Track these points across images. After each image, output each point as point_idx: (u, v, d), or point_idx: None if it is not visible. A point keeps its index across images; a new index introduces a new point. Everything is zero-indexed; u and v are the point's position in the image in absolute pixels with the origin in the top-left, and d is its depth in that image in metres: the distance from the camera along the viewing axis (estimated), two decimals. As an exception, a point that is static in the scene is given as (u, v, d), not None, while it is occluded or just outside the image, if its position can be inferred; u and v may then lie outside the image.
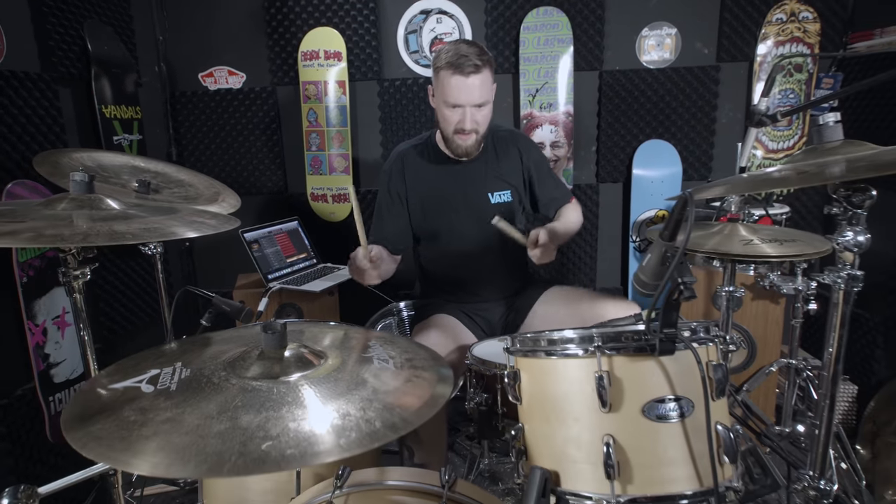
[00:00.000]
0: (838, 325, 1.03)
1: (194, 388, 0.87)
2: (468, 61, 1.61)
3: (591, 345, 0.85)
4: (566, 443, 0.87)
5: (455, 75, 1.62)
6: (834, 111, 1.05)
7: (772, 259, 1.38)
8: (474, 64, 1.62)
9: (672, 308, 0.77)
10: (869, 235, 0.98)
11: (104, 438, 0.75)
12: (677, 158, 2.67)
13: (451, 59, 1.63)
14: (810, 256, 1.31)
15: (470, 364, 1.39)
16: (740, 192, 1.28)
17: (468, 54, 1.62)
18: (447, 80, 1.64)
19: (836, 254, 1.01)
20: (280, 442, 0.74)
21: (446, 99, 1.67)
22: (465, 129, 1.69)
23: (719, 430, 0.85)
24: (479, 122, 1.70)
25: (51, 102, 2.01)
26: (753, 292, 2.22)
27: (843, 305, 1.03)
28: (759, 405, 2.28)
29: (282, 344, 0.96)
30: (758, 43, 2.55)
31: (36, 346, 1.85)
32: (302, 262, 2.50)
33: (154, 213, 1.21)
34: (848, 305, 1.03)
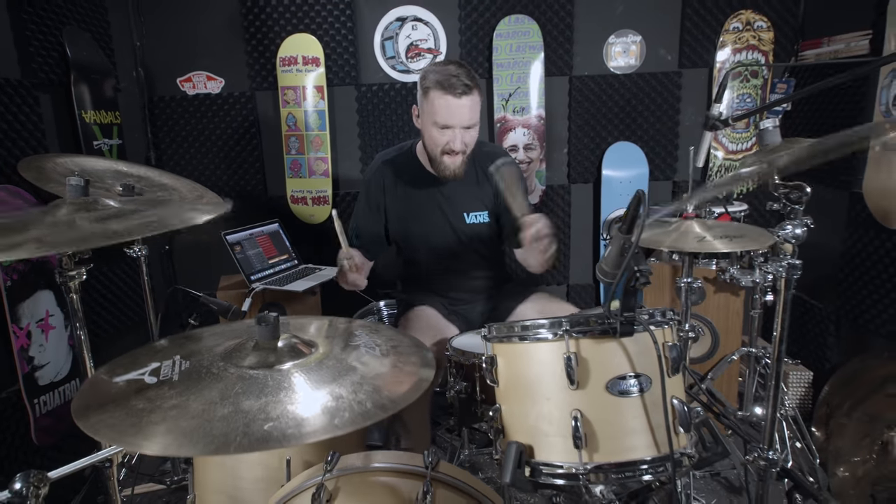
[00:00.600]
0: (781, 309, 1.15)
1: (195, 378, 0.94)
2: (459, 81, 1.59)
3: (560, 329, 0.94)
4: (539, 419, 0.96)
5: (446, 96, 1.59)
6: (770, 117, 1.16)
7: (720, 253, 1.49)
8: (465, 84, 1.60)
9: (630, 294, 0.87)
10: (805, 228, 1.09)
11: (116, 425, 0.81)
12: (644, 159, 2.80)
13: (442, 80, 1.60)
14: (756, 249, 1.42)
15: (450, 355, 1.48)
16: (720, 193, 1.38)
17: (458, 75, 1.60)
18: (438, 100, 1.61)
19: (777, 245, 1.13)
20: (280, 423, 0.81)
21: (436, 120, 1.64)
22: (454, 150, 1.67)
23: (675, 404, 0.95)
24: (467, 143, 1.69)
25: (31, 108, 2.03)
26: (715, 285, 2.35)
27: (785, 292, 1.14)
28: (722, 392, 2.41)
29: (275, 335, 1.03)
30: (717, 50, 2.70)
31: (20, 348, 1.87)
32: (283, 263, 2.56)
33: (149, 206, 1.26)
34: (789, 292, 1.14)
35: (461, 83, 1.60)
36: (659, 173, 2.85)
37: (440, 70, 1.64)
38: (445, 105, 1.62)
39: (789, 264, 1.11)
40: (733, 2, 2.65)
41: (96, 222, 1.07)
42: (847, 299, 2.32)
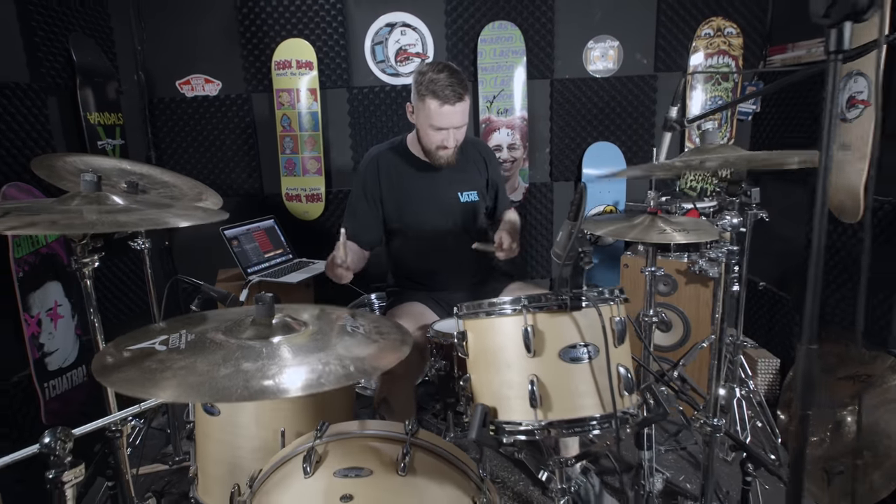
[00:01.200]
0: (722, 290, 1.29)
1: (200, 347, 1.07)
2: (453, 91, 1.79)
3: (519, 305, 1.08)
4: (501, 384, 1.10)
5: (443, 105, 1.80)
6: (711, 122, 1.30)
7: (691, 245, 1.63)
8: (458, 93, 1.80)
9: (578, 272, 1.00)
10: (741, 219, 1.23)
11: (133, 380, 0.95)
12: (621, 158, 2.95)
13: (437, 90, 1.79)
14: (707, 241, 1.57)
15: (431, 337, 1.61)
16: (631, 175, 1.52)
17: (452, 84, 1.80)
18: (434, 107, 1.81)
19: (720, 234, 1.27)
20: (277, 380, 0.95)
21: (432, 123, 1.85)
22: (448, 146, 1.90)
23: (620, 371, 1.09)
24: (458, 139, 1.92)
25: (39, 110, 2.16)
26: (686, 277, 2.50)
27: (726, 275, 1.28)
28: (693, 377, 2.55)
29: (270, 313, 1.17)
30: (690, 55, 2.84)
31: (31, 336, 2.00)
32: (279, 257, 2.69)
33: (152, 206, 1.40)
34: (729, 275, 1.28)
35: (455, 93, 1.80)
36: (636, 172, 3.00)
37: (435, 79, 1.81)
38: (441, 112, 1.82)
39: (728, 250, 1.26)
40: (705, 9, 2.80)
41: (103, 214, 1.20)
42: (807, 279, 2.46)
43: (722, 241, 1.27)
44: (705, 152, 1.27)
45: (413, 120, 1.96)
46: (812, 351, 0.83)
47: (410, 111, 1.95)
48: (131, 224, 1.17)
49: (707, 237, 1.61)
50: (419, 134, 1.96)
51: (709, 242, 2.05)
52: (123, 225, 1.15)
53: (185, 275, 3.10)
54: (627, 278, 2.60)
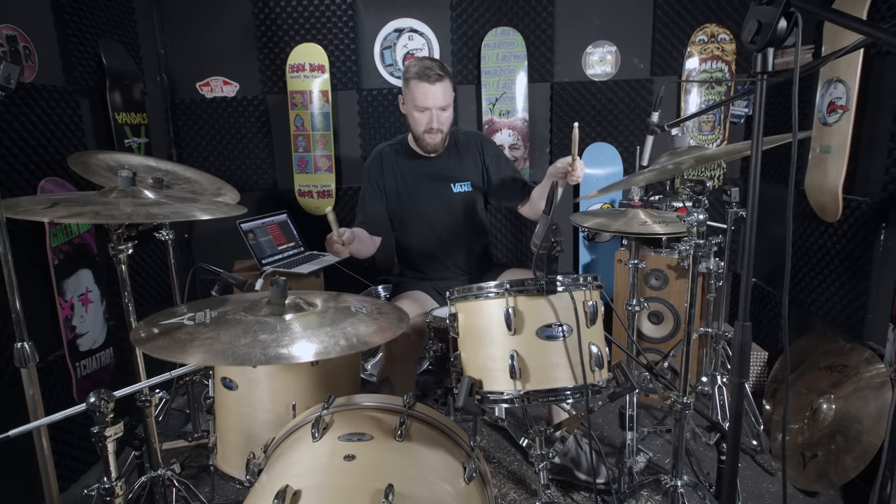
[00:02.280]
0: (690, 280, 1.42)
1: (223, 322, 1.23)
2: (432, 72, 1.99)
3: (502, 289, 1.23)
4: (486, 358, 1.25)
5: (423, 83, 1.99)
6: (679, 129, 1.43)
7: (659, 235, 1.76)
8: (438, 74, 2.00)
9: (552, 260, 1.15)
10: (706, 216, 1.37)
11: (167, 347, 1.11)
12: (619, 159, 3.07)
13: (419, 71, 2.00)
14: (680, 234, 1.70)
15: (429, 322, 1.76)
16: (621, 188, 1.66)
17: (432, 66, 2.01)
18: (416, 88, 2.01)
19: (687, 229, 1.40)
20: (291, 349, 1.11)
21: (416, 103, 2.03)
22: (432, 128, 2.05)
23: (592, 349, 1.23)
24: (442, 122, 2.08)
25: (73, 111, 2.34)
26: (676, 272, 2.62)
27: (694, 266, 1.42)
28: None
29: (284, 294, 1.33)
30: (685, 59, 2.96)
31: (65, 318, 2.18)
32: (291, 249, 2.85)
33: (179, 201, 1.56)
34: (697, 266, 1.42)
35: (434, 73, 2.00)
36: (632, 170, 3.12)
37: (418, 64, 2.03)
38: (423, 91, 1.99)
39: (695, 244, 1.39)
40: (699, 16, 2.92)
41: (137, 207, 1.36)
42: (795, 285, 2.59)
43: (690, 236, 1.40)
44: (676, 156, 1.40)
45: (404, 110, 2.13)
46: (746, 327, 0.97)
47: (401, 102, 2.14)
48: (162, 216, 1.33)
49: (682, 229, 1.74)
50: (408, 122, 2.13)
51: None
52: (155, 217, 1.31)
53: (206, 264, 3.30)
54: (621, 273, 2.74)
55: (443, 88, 2.02)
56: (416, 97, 2.02)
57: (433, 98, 2.01)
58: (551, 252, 1.12)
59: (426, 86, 1.99)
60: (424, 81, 1.99)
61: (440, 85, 2.01)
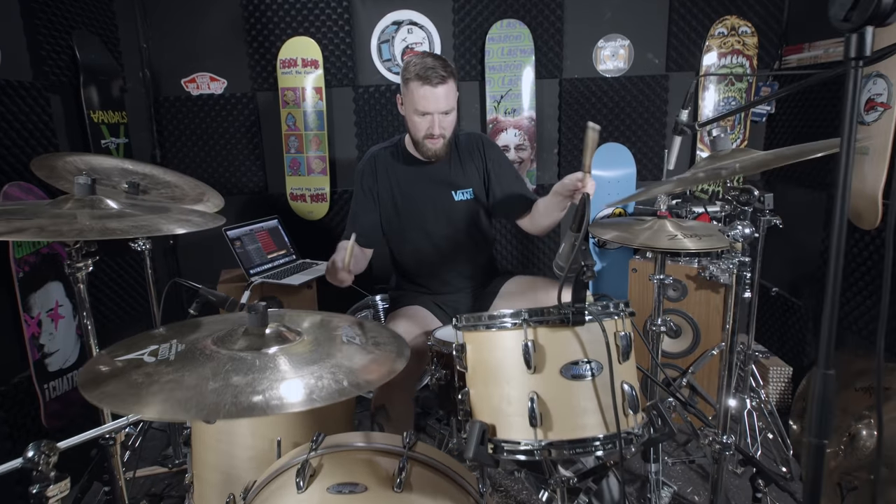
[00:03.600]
0: (733, 303, 1.24)
1: (190, 358, 1.04)
2: (435, 73, 1.77)
3: (520, 318, 1.04)
4: (500, 400, 1.06)
5: (424, 86, 1.77)
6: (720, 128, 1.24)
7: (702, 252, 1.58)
8: (441, 75, 1.78)
9: (581, 286, 0.96)
10: (753, 228, 1.18)
11: (118, 395, 0.92)
12: (632, 160, 2.89)
13: (420, 72, 1.77)
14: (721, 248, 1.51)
15: (431, 345, 1.57)
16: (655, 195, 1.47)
17: (435, 66, 1.78)
18: (417, 90, 1.79)
19: (730, 244, 1.22)
20: (267, 395, 0.92)
21: (416, 107, 1.82)
22: (433, 134, 1.85)
23: (625, 388, 1.04)
24: (445, 127, 1.87)
25: (42, 109, 2.14)
26: (696, 282, 2.44)
27: (737, 287, 1.23)
28: (703, 385, 2.50)
29: (263, 322, 1.14)
30: (703, 54, 2.78)
31: (31, 336, 1.99)
32: (282, 257, 2.66)
33: (147, 211, 1.37)
34: (740, 286, 1.23)
35: (437, 74, 1.77)
36: (647, 173, 2.94)
37: (419, 62, 1.80)
38: (424, 94, 1.78)
39: (739, 262, 1.20)
40: (719, 7, 2.73)
41: (96, 219, 1.17)
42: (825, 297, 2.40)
43: (733, 252, 1.21)
44: (718, 160, 1.21)
45: (403, 112, 1.93)
46: (829, 377, 0.78)
47: (400, 103, 1.93)
48: (121, 231, 1.14)
49: (720, 244, 1.55)
50: (407, 125, 1.93)
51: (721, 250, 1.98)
52: (113, 232, 1.12)
53: (190, 274, 3.10)
54: (636, 283, 2.55)
55: (446, 91, 1.81)
56: (417, 101, 1.81)
57: (435, 102, 1.81)
58: (580, 277, 0.93)
59: (427, 89, 1.78)
60: (426, 84, 1.78)
61: (443, 87, 1.79)
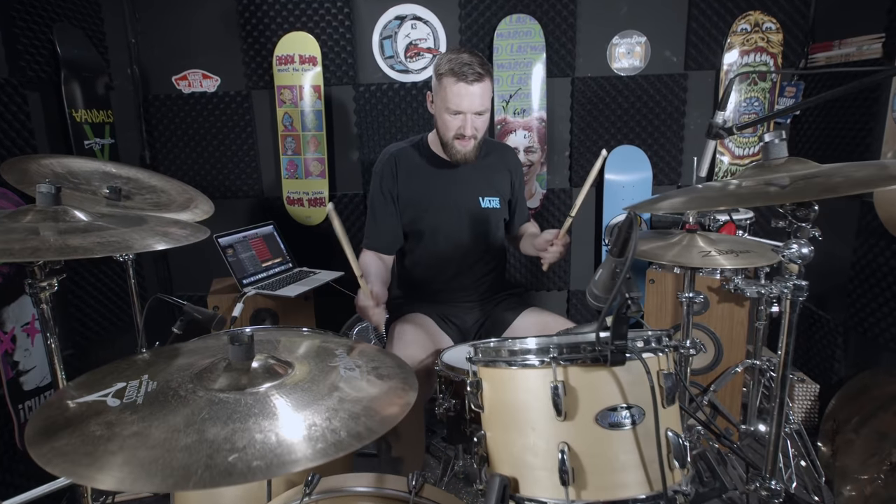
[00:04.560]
0: (786, 332, 1.08)
1: (161, 402, 0.89)
2: (471, 70, 1.65)
3: (548, 356, 0.88)
4: (524, 450, 0.91)
5: (459, 83, 1.66)
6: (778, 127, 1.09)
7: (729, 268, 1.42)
8: (477, 72, 1.65)
9: (622, 321, 0.81)
10: (812, 248, 1.03)
11: (69, 454, 0.77)
12: (648, 164, 2.73)
13: (455, 67, 1.66)
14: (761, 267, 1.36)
15: (439, 370, 1.42)
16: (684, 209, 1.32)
17: (471, 63, 1.66)
18: (450, 87, 1.68)
19: (783, 265, 1.06)
20: (247, 453, 0.76)
21: (448, 105, 1.70)
22: (465, 134, 1.72)
23: (669, 437, 0.89)
24: (478, 128, 1.75)
25: (19, 107, 1.99)
26: (719, 295, 2.28)
27: (790, 314, 1.08)
28: (725, 404, 2.35)
29: (249, 355, 0.98)
30: (724, 52, 2.62)
31: (5, 353, 1.84)
32: (277, 266, 2.51)
33: (123, 223, 1.22)
34: (794, 314, 1.08)
35: (473, 71, 1.65)
36: (663, 177, 2.78)
37: (454, 58, 1.69)
38: (458, 92, 1.67)
39: (795, 285, 1.05)
40: (741, 2, 2.57)
41: (60, 234, 1.02)
42: (856, 311, 2.25)
43: (788, 274, 1.06)
44: (769, 170, 1.06)
45: (432, 110, 1.81)
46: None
47: (430, 100, 1.81)
48: (84, 249, 0.98)
49: (761, 262, 1.40)
50: (437, 123, 1.81)
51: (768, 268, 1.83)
52: (74, 251, 0.96)
53: (182, 283, 2.96)
54: (653, 295, 2.40)
55: (482, 90, 1.69)
56: (449, 98, 1.69)
57: (469, 101, 1.68)
58: (622, 311, 0.78)
59: (462, 86, 1.66)
60: (461, 81, 1.66)
61: (479, 86, 1.67)
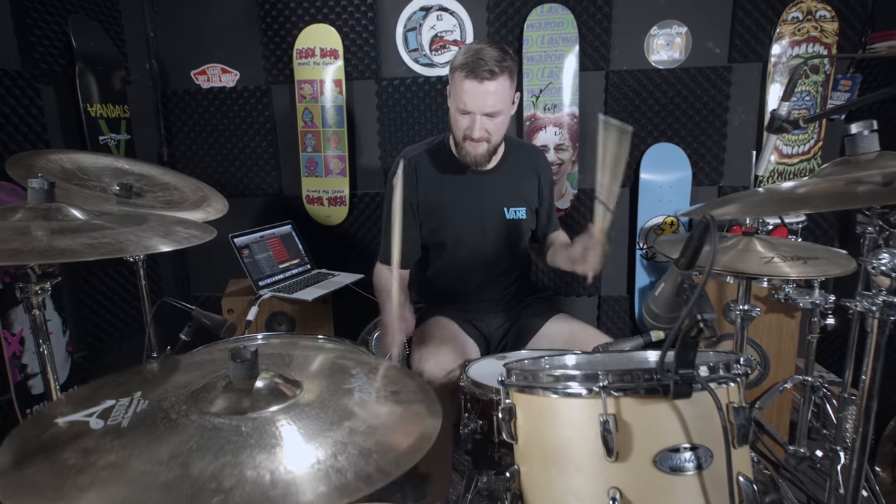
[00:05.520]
0: (872, 356, 0.93)
1: (148, 426, 0.78)
2: (484, 66, 1.47)
3: (597, 384, 0.75)
4: (566, 493, 0.77)
5: (468, 79, 1.48)
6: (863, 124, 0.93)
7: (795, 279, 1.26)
8: (490, 70, 1.47)
9: (689, 347, 0.67)
10: (909, 258, 0.87)
11: (37, 485, 0.66)
12: (687, 163, 2.56)
13: (468, 61, 1.49)
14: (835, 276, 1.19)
15: (464, 387, 1.29)
16: (760, 214, 1.16)
17: (486, 58, 1.47)
18: (460, 83, 1.51)
19: (871, 278, 0.91)
20: (233, 496, 0.65)
21: (457, 104, 1.55)
22: (473, 136, 1.56)
23: (741, 482, 0.75)
24: (490, 131, 1.57)
25: (31, 101, 1.93)
26: (767, 305, 2.11)
27: (879, 335, 0.92)
28: (771, 423, 2.17)
29: (252, 373, 0.87)
30: (772, 43, 2.43)
31: (12, 356, 1.77)
32: (295, 267, 2.41)
33: (122, 222, 1.12)
34: (884, 335, 0.92)
35: (486, 68, 1.48)
36: (703, 177, 2.61)
37: (470, 51, 1.52)
38: (467, 89, 1.50)
39: (885, 302, 0.89)
40: (793, -11, 2.39)
41: (51, 234, 0.92)
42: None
43: (876, 288, 0.90)
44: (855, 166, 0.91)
45: (450, 105, 1.65)
46: None
47: (448, 95, 1.65)
48: (70, 252, 0.88)
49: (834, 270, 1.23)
50: (451, 122, 1.65)
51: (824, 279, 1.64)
52: (60, 253, 0.86)
53: (200, 283, 2.88)
54: (694, 303, 2.23)
55: (495, 88, 1.50)
56: (458, 95, 1.53)
57: (479, 100, 1.51)
58: (690, 335, 0.64)
59: (472, 83, 1.49)
60: (471, 78, 1.48)
61: (492, 84, 1.49)
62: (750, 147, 2.56)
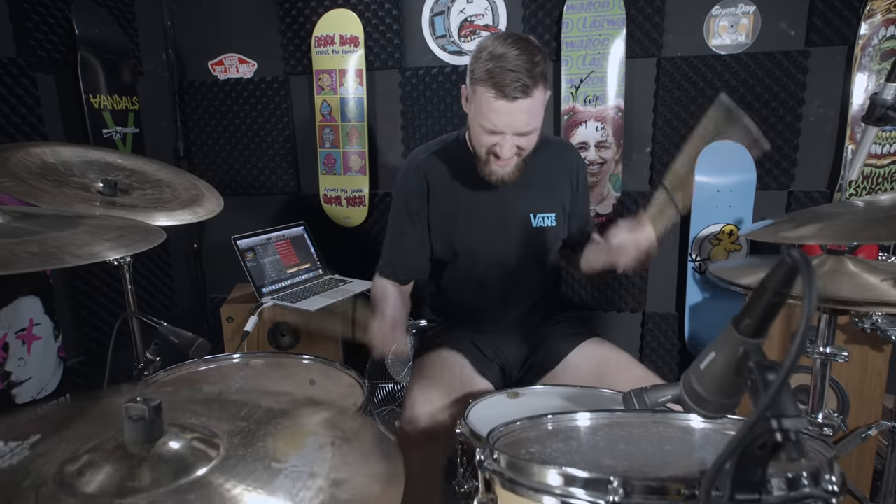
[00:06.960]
0: None
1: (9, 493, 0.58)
2: (515, 82, 1.22)
3: (606, 497, 0.49)
4: None
5: (498, 99, 1.24)
6: None
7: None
8: (523, 84, 1.22)
9: (756, 460, 0.41)
10: None
11: None
12: (751, 163, 2.22)
13: (494, 74, 1.23)
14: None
15: (460, 433, 1.06)
16: (865, 239, 0.87)
17: (517, 69, 1.22)
18: (486, 100, 1.26)
19: None
20: None
21: (482, 122, 1.29)
22: (502, 156, 1.32)
23: None
24: (523, 147, 1.33)
25: (26, 90, 1.82)
26: (847, 334, 1.77)
27: None
28: (850, 475, 1.82)
29: (152, 435, 0.66)
30: (861, 22, 2.06)
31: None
32: (304, 273, 2.23)
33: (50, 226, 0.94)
34: None
35: (518, 83, 1.22)
36: (770, 180, 2.25)
37: (496, 55, 1.24)
38: (496, 108, 1.26)
39: None
40: (889, -43, 2.01)
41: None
42: None
43: None
44: None
45: (467, 109, 1.38)
46: None
47: (465, 98, 1.38)
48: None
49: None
50: (470, 131, 1.40)
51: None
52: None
53: (217, 285, 2.75)
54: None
55: (529, 105, 1.25)
56: (485, 113, 1.27)
57: (509, 120, 1.27)
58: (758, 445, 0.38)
59: (502, 104, 1.24)
60: (500, 97, 1.23)
61: (526, 102, 1.24)
62: (828, 145, 2.19)
